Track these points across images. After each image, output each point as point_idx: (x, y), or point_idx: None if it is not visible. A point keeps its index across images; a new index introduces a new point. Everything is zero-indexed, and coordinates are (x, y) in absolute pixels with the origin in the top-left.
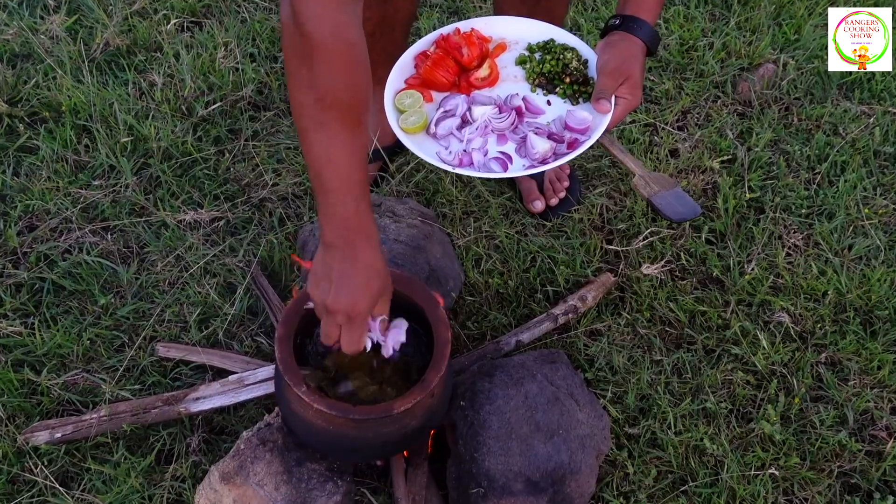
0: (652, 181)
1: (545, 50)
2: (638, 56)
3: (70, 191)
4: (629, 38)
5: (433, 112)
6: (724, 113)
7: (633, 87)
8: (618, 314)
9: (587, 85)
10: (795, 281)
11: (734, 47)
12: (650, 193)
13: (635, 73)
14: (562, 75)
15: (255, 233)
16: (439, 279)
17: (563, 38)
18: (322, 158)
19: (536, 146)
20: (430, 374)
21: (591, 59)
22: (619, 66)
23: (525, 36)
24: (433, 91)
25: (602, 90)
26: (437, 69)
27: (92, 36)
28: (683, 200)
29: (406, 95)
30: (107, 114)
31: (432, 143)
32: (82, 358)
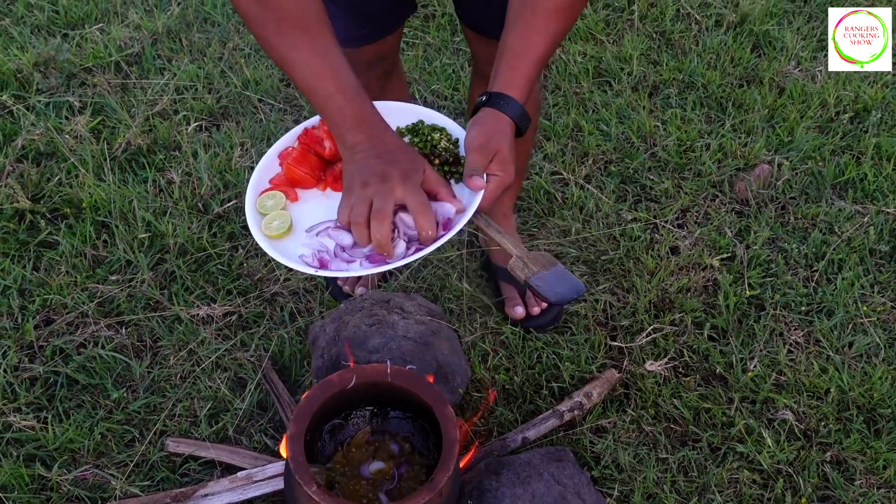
0: (531, 262)
1: (413, 132)
2: (506, 132)
3: (87, 285)
4: (496, 114)
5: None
6: (723, 211)
7: (503, 163)
8: (623, 411)
9: (458, 165)
10: (798, 378)
11: (730, 148)
12: (528, 275)
13: (503, 148)
14: (431, 157)
15: (266, 327)
16: (447, 375)
17: (432, 119)
18: (306, 72)
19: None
20: (438, 474)
21: (462, 138)
22: (486, 141)
23: (392, 120)
24: (299, 188)
25: (473, 167)
26: (300, 166)
27: (114, 136)
28: (564, 279)
29: (268, 197)
30: (126, 210)
31: (296, 246)
32: (93, 453)
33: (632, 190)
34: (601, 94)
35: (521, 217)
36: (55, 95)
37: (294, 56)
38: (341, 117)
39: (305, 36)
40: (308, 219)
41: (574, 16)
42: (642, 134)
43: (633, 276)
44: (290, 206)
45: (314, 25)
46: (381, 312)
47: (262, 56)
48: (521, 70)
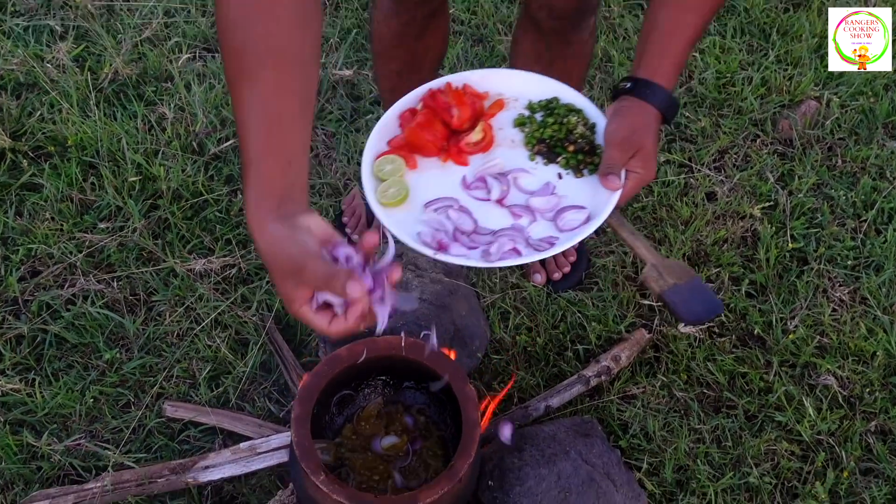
0: (666, 272)
1: (547, 110)
2: (651, 125)
3: (75, 234)
4: (641, 104)
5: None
6: (764, 153)
7: (645, 160)
8: (653, 375)
9: (594, 154)
10: (842, 341)
11: (774, 82)
12: (662, 288)
13: (648, 144)
14: (565, 143)
15: (268, 281)
16: (465, 339)
17: (569, 98)
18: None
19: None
20: (458, 462)
21: (600, 124)
22: (628, 136)
23: (525, 92)
24: (418, 155)
25: (611, 164)
26: (424, 132)
27: (100, 65)
28: (702, 295)
29: (387, 161)
30: (114, 150)
31: (411, 221)
32: (85, 418)
33: (665, 128)
34: (633, 20)
35: None
36: (34, 18)
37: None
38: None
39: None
40: (423, 191)
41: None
42: None
43: (665, 225)
44: (407, 174)
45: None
46: None
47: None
48: (671, 54)
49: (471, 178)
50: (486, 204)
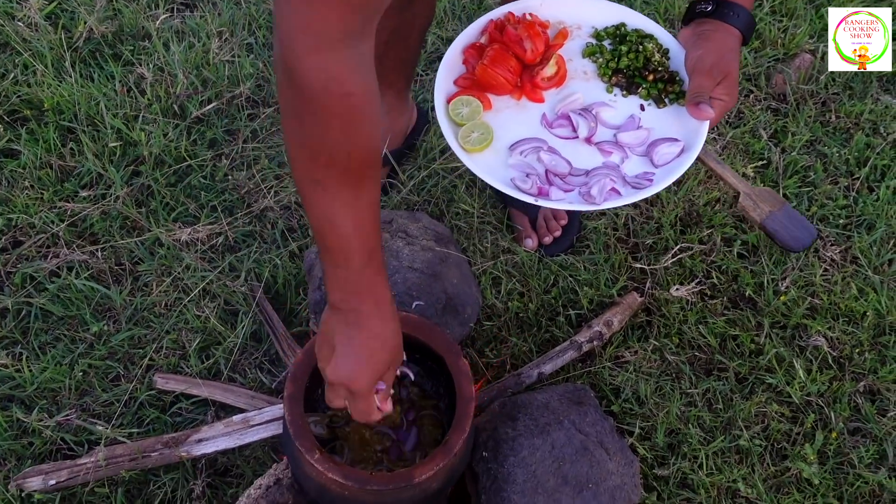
0: (760, 200)
1: (616, 37)
2: (736, 49)
3: (56, 202)
4: (725, 27)
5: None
6: (758, 109)
7: (730, 86)
8: (645, 339)
9: (673, 83)
10: (833, 301)
11: (769, 35)
12: (762, 217)
13: (734, 70)
14: (643, 72)
15: (257, 249)
16: (457, 307)
17: (637, 23)
18: (322, 219)
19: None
20: (453, 437)
21: (673, 49)
22: (716, 62)
23: (589, 18)
24: (490, 94)
25: (699, 92)
26: (496, 68)
27: (74, 23)
28: (797, 221)
29: (461, 103)
30: (93, 114)
31: (499, 165)
32: (75, 392)
33: None
34: None
35: None
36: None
37: (316, 198)
38: (335, 276)
39: (338, 181)
40: (504, 132)
41: None
42: (670, 17)
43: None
44: (484, 116)
45: (356, 167)
46: (383, 236)
47: None
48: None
49: (552, 116)
50: (573, 142)
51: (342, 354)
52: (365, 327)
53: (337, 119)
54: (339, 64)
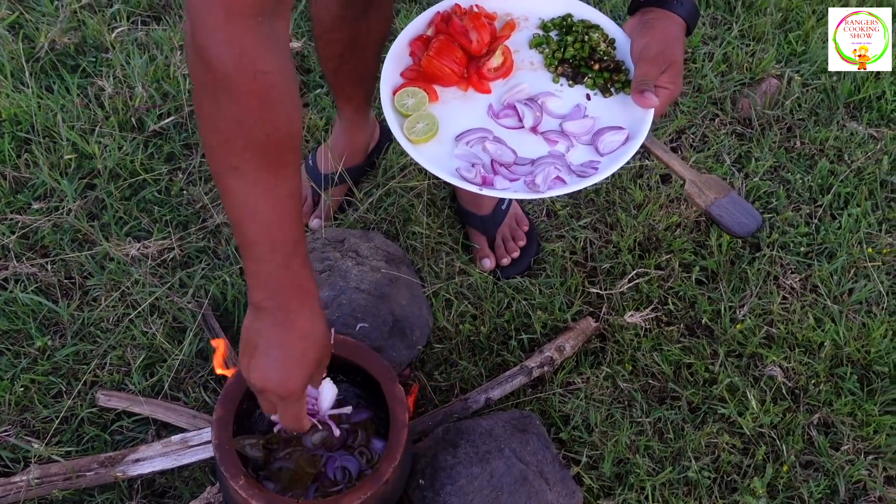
0: (705, 187)
1: (563, 28)
2: (680, 37)
3: (7, 214)
4: (669, 16)
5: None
6: (722, 133)
7: (675, 75)
8: (597, 365)
9: (619, 72)
10: (790, 331)
11: (736, 59)
12: (707, 203)
13: (678, 58)
14: (589, 61)
15: (208, 265)
16: (404, 330)
17: (583, 13)
18: (241, 208)
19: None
20: (383, 464)
21: (619, 39)
22: (661, 50)
23: (536, 10)
24: (437, 86)
25: (644, 80)
26: (442, 59)
27: (37, 33)
28: (743, 208)
29: (407, 94)
30: (50, 125)
31: (445, 156)
32: (16, 408)
33: None
34: None
35: None
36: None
37: (232, 185)
38: (257, 272)
39: (256, 166)
40: (450, 123)
41: None
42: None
43: (617, 209)
44: (430, 107)
45: (274, 151)
46: (333, 256)
47: None
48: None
49: (498, 106)
50: (519, 132)
51: (270, 357)
52: (293, 326)
53: (252, 98)
54: (252, 40)
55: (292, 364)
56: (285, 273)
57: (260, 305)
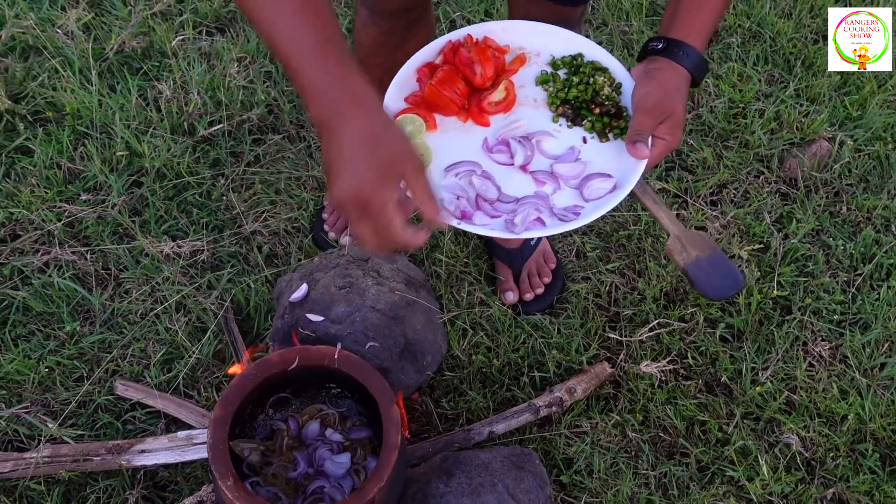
0: (689, 244)
1: (572, 67)
2: (682, 89)
3: (57, 203)
4: (673, 66)
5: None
6: (766, 192)
7: (674, 126)
8: (607, 412)
9: (620, 118)
10: (813, 399)
11: (787, 118)
12: (686, 262)
13: (678, 110)
14: (590, 104)
15: (237, 270)
16: (415, 354)
17: (594, 55)
18: (269, 23)
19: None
20: (368, 484)
21: (626, 84)
22: (661, 100)
23: (549, 47)
24: (437, 114)
25: (639, 130)
26: (444, 89)
27: (109, 35)
28: (723, 269)
29: (407, 121)
30: (108, 122)
31: (436, 186)
32: (38, 387)
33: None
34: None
35: None
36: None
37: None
38: (303, 84)
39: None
40: (443, 153)
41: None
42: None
43: (647, 257)
44: (427, 136)
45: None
46: (355, 273)
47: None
48: (706, 13)
49: (493, 141)
50: (508, 169)
51: (339, 166)
52: (348, 125)
53: None
54: None
55: (359, 165)
56: (325, 75)
57: (318, 121)
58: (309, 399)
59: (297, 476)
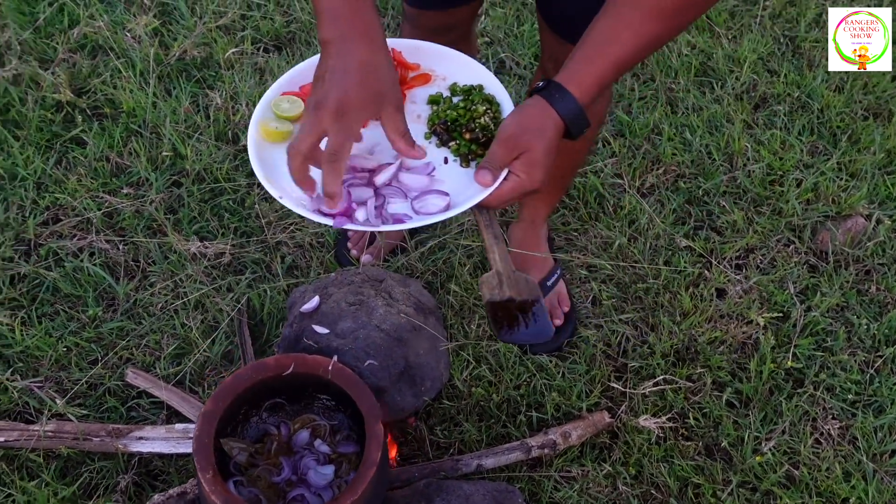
0: (508, 284)
1: (466, 94)
2: (546, 130)
3: (100, 193)
4: (544, 106)
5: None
6: (793, 262)
7: (530, 165)
8: (601, 461)
9: (486, 148)
10: (815, 477)
11: (825, 190)
12: (493, 297)
13: (536, 149)
14: (463, 129)
15: (256, 276)
16: (415, 378)
17: (494, 89)
18: None
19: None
20: (342, 497)
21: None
22: (517, 134)
23: (456, 74)
24: None
25: (489, 159)
26: None
27: (173, 42)
28: (535, 318)
29: (288, 100)
30: (158, 123)
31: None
32: (55, 365)
33: (696, 213)
34: (698, 96)
35: (562, 217)
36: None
37: None
38: (322, 6)
39: None
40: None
41: (680, 23)
42: (729, 152)
43: (662, 312)
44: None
45: None
46: (367, 292)
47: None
48: (596, 66)
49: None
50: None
51: (330, 77)
52: (355, 53)
53: None
54: None
55: (353, 83)
56: (346, 5)
57: (325, 40)
58: (303, 408)
59: (279, 481)
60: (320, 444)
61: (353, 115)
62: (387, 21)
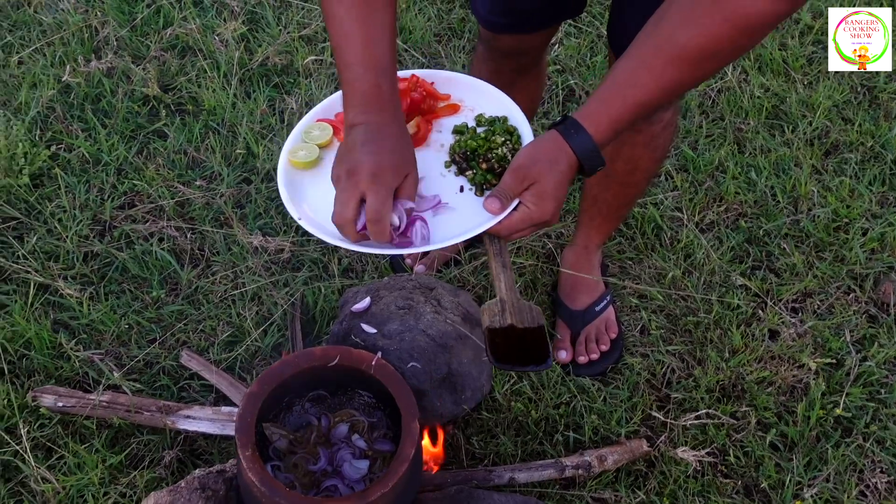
0: (512, 313)
1: (490, 125)
2: (558, 163)
3: (175, 183)
4: (558, 140)
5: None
6: (852, 310)
7: (539, 197)
8: (635, 489)
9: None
10: None
11: (892, 241)
12: (492, 324)
13: (546, 181)
14: (480, 158)
15: (313, 274)
16: (455, 385)
17: (517, 121)
18: (339, 34)
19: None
20: (372, 488)
21: None
22: (528, 164)
23: (484, 106)
24: None
25: (500, 187)
26: None
27: (257, 48)
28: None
29: (319, 127)
30: (236, 122)
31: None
32: (116, 340)
33: (754, 253)
34: (767, 138)
35: (618, 244)
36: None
37: (336, 11)
38: (351, 91)
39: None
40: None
41: (702, 71)
42: (794, 195)
43: (711, 348)
44: (331, 145)
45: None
46: (417, 298)
47: (422, 6)
48: (613, 106)
49: None
50: None
51: (366, 151)
52: (383, 133)
53: None
54: None
55: (385, 154)
56: (377, 92)
57: (354, 122)
58: (344, 402)
59: (316, 470)
60: (357, 439)
61: (388, 177)
62: (463, 43)
